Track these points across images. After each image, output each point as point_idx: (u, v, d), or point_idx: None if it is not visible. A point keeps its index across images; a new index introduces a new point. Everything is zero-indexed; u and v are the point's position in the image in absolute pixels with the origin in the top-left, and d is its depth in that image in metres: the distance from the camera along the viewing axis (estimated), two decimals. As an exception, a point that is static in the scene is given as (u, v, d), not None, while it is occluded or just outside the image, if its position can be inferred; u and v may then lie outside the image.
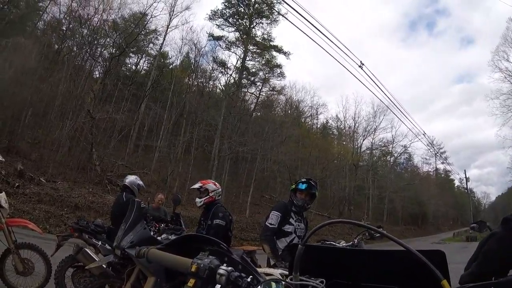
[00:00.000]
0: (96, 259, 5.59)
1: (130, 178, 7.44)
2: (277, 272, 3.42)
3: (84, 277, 5.81)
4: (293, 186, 5.02)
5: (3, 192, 6.01)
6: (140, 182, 7.56)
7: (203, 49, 36.56)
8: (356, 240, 5.08)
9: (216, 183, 5.80)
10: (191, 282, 1.63)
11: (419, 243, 34.42)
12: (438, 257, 1.55)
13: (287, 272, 3.17)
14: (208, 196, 5.51)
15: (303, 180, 4.99)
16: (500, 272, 2.28)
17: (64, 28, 28.56)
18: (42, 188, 17.22)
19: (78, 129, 23.35)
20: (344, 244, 4.97)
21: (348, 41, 50.50)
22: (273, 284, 1.49)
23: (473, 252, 2.89)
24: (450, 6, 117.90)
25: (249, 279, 1.55)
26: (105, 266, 4.92)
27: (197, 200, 5.59)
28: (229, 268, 1.60)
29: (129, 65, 38.34)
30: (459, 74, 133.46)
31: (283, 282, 1.55)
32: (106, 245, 5.99)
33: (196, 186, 5.63)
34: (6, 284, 5.76)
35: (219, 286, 1.56)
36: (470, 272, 2.52)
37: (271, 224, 4.76)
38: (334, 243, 4.87)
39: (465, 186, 59.29)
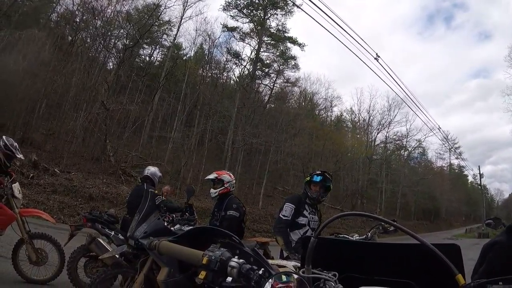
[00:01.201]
0: (109, 249, 5.61)
1: (152, 169, 7.44)
2: (290, 264, 3.38)
3: (96, 267, 5.83)
4: (308, 178, 4.98)
5: (17, 182, 6.07)
6: (160, 174, 7.60)
7: (217, 40, 36.67)
8: (369, 234, 5.01)
9: (231, 174, 5.79)
10: (202, 274, 1.61)
11: (431, 238, 34.13)
12: (453, 251, 1.51)
13: (300, 264, 3.15)
14: (223, 187, 5.48)
15: (318, 172, 4.95)
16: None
17: (78, 20, 28.70)
18: (56, 178, 17.41)
19: (92, 120, 23.56)
20: (357, 237, 4.89)
21: (364, 33, 50.16)
22: (284, 277, 1.47)
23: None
24: (468, 0, 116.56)
25: (260, 272, 1.52)
26: (118, 256, 4.93)
27: (212, 191, 5.57)
28: (241, 260, 1.57)
29: (143, 57, 38.48)
30: (476, 69, 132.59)
31: (295, 275, 1.52)
32: (119, 235, 6.02)
33: (211, 176, 5.59)
34: (20, 273, 5.81)
35: (230, 278, 1.55)
36: (477, 279, 2.50)
37: (284, 216, 4.73)
38: (347, 237, 4.78)
39: (478, 182, 58.63)
